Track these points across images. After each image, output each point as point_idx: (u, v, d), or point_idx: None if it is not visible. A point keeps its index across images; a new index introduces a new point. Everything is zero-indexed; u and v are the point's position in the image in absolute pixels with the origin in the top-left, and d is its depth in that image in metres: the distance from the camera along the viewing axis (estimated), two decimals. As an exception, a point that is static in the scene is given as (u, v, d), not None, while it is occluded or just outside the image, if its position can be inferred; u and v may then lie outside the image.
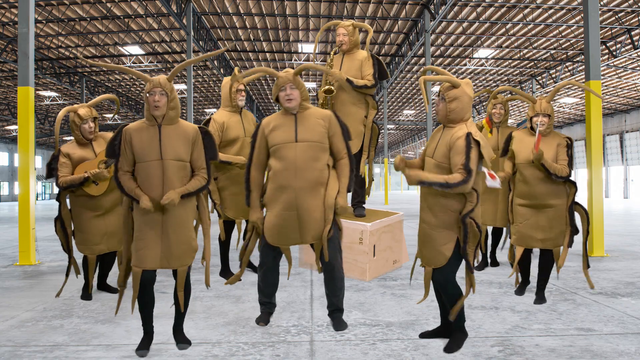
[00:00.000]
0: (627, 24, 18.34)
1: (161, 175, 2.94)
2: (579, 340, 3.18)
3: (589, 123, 7.04)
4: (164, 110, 2.96)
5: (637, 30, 18.75)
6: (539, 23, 18.42)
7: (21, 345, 3.17)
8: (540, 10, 17.47)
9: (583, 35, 13.90)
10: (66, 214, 4.23)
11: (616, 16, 17.71)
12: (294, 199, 3.31)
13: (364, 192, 5.29)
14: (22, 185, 6.63)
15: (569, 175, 3.93)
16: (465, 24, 19.12)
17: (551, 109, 4.00)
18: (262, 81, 29.14)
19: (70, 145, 4.22)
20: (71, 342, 3.22)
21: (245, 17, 18.73)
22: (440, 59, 23.71)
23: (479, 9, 17.65)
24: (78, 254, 6.12)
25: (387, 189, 29.31)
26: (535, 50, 22.20)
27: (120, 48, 21.62)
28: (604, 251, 6.90)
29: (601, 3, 16.41)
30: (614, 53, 20.40)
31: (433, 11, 16.89)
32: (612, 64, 23.13)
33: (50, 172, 4.18)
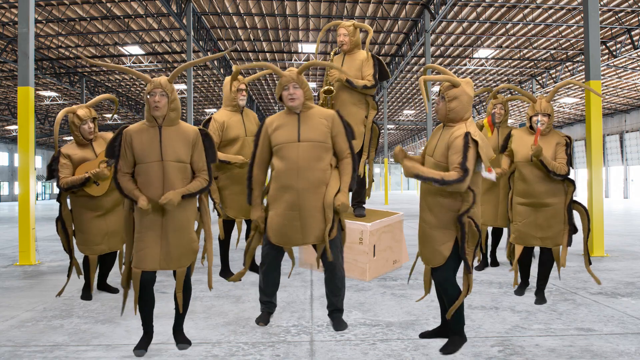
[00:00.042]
0: (627, 24, 18.34)
1: (161, 177, 2.94)
2: (579, 340, 3.19)
3: (589, 123, 7.04)
4: (164, 111, 2.96)
5: (637, 30, 18.75)
6: (539, 23, 18.43)
7: (21, 345, 3.18)
8: (540, 10, 17.47)
9: (583, 35, 13.90)
10: (67, 214, 4.23)
11: (616, 16, 17.71)
12: (297, 199, 3.30)
13: (363, 192, 5.29)
14: (22, 185, 6.64)
15: (567, 174, 3.93)
16: (465, 24, 19.12)
17: (551, 108, 4.01)
18: (263, 81, 29.14)
19: (70, 146, 4.21)
20: (71, 342, 3.22)
21: (245, 17, 18.74)
22: (440, 59, 23.71)
23: (479, 9, 17.66)
24: (79, 254, 6.12)
25: (387, 189, 29.31)
26: (535, 50, 22.21)
27: (120, 48, 21.62)
28: (604, 251, 6.90)
29: (601, 3, 16.41)
30: (614, 53, 20.40)
31: (433, 11, 16.89)
32: (612, 64, 23.13)
33: (51, 174, 4.18)
